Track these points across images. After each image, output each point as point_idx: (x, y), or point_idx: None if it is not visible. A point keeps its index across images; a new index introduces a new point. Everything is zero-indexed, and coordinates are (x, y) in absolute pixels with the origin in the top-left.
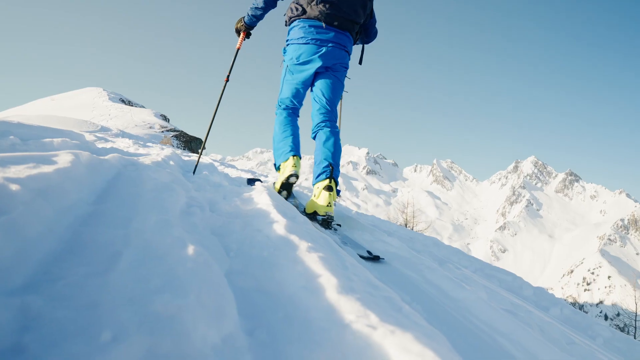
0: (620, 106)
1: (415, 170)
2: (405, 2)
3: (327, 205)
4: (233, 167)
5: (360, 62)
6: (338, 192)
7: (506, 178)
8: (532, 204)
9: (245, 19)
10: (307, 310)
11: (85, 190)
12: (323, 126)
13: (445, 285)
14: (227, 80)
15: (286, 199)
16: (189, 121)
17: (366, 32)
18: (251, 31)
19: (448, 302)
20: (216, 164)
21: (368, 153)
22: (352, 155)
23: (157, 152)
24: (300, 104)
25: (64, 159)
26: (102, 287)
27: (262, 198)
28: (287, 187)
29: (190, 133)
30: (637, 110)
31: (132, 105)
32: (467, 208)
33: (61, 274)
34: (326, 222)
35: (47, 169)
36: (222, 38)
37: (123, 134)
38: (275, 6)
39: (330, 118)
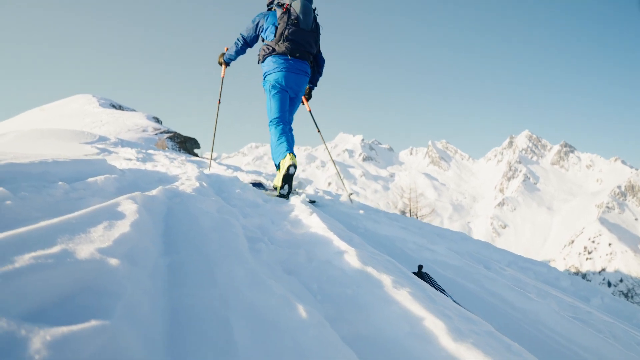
0: (609, 74)
1: (411, 154)
2: None
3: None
4: (238, 169)
5: (313, 88)
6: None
7: (502, 154)
8: (529, 178)
9: (225, 58)
10: None
11: (158, 241)
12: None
13: (509, 296)
14: (220, 103)
15: (288, 192)
16: (182, 120)
17: (317, 63)
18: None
19: (519, 315)
20: (222, 167)
21: (363, 140)
22: (347, 143)
23: (185, 172)
24: (286, 113)
25: (129, 208)
26: None
27: (312, 220)
28: (288, 179)
29: (184, 133)
30: (626, 77)
31: (123, 110)
32: (465, 187)
33: None
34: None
35: (123, 226)
36: (208, 31)
37: (122, 143)
38: (244, 53)
39: (289, 124)
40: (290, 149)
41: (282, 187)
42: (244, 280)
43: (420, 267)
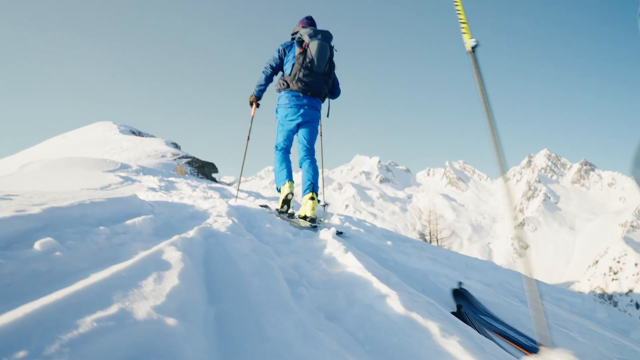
0: (627, 90)
1: (428, 175)
2: (407, 1)
3: (312, 209)
4: (260, 195)
5: (327, 115)
6: (319, 201)
7: (520, 174)
8: (550, 197)
9: (255, 93)
10: None
11: (202, 288)
12: (306, 159)
13: (553, 337)
14: (248, 140)
15: (287, 210)
16: (199, 142)
17: (332, 93)
18: (259, 102)
19: None
20: (244, 194)
21: (380, 161)
22: (364, 165)
23: (214, 206)
24: (290, 144)
25: (173, 257)
26: None
27: (348, 259)
28: (287, 202)
29: (201, 156)
30: None
31: (142, 136)
32: (484, 207)
33: None
34: (312, 220)
35: (171, 278)
36: (222, 54)
37: (143, 170)
38: (272, 81)
39: (310, 154)
40: (289, 177)
41: (282, 207)
42: (293, 333)
43: (459, 307)
